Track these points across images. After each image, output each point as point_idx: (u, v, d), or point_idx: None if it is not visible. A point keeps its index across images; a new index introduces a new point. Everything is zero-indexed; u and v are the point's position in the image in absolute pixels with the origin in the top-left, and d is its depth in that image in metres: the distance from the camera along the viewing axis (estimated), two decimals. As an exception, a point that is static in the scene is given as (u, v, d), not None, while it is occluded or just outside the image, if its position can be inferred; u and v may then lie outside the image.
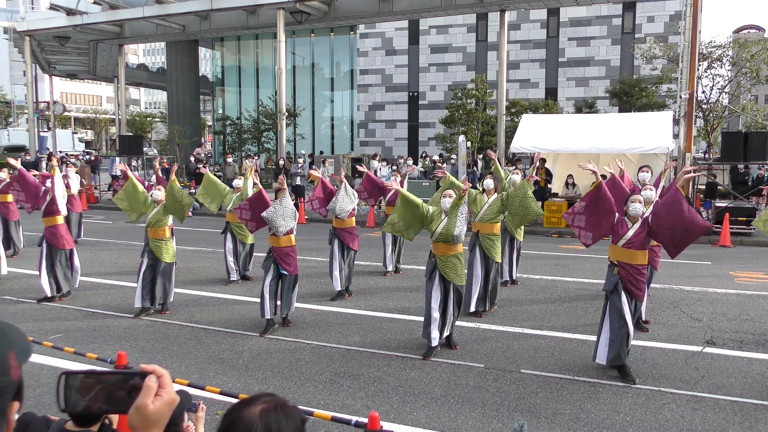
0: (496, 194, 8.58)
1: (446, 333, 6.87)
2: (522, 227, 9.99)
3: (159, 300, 8.34)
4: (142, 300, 8.24)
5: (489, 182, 8.65)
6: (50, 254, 8.95)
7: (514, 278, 10.19)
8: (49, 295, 8.86)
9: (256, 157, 26.94)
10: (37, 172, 11.24)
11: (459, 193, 6.76)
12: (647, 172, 8.75)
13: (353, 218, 9.62)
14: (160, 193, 8.56)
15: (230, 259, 10.33)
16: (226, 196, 10.61)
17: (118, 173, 24.53)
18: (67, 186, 12.92)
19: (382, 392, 5.69)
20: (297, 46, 39.25)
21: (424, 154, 24.32)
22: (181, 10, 24.71)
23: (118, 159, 25.00)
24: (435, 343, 6.68)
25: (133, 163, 24.82)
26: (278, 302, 7.75)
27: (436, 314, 6.69)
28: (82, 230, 14.60)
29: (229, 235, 10.42)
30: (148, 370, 1.32)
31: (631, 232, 6.08)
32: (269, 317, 7.54)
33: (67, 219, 13.55)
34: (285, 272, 7.68)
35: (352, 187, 10.01)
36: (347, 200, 9.36)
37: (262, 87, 39.95)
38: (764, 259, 12.92)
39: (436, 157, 21.77)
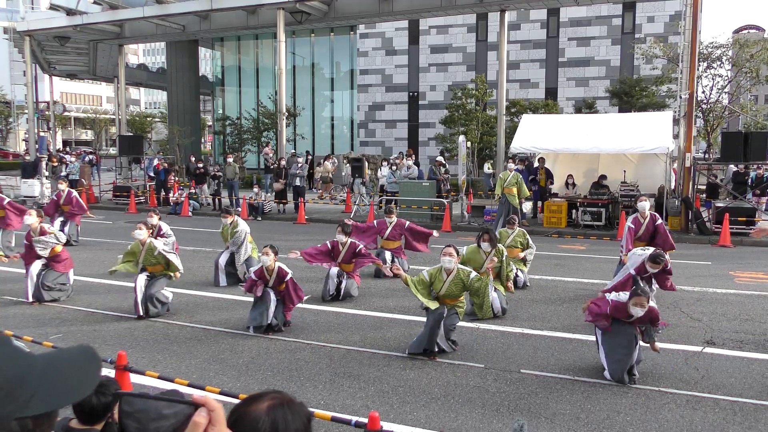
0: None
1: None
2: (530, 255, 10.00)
3: (160, 310, 8.27)
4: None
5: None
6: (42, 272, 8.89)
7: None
8: (31, 300, 8.83)
9: (332, 158, 26.23)
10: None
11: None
12: (645, 201, 8.43)
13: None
14: (141, 233, 8.24)
15: (221, 266, 10.20)
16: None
17: (153, 174, 24.52)
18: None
19: (382, 392, 5.69)
20: (297, 46, 39.23)
21: (399, 154, 24.10)
22: (181, 10, 24.71)
23: (156, 159, 24.85)
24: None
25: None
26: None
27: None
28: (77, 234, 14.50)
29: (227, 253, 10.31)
30: (200, 402, 1.17)
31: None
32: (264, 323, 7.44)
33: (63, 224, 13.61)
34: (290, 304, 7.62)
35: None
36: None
37: (262, 87, 39.94)
38: (764, 259, 12.93)
39: (439, 158, 21.72)
